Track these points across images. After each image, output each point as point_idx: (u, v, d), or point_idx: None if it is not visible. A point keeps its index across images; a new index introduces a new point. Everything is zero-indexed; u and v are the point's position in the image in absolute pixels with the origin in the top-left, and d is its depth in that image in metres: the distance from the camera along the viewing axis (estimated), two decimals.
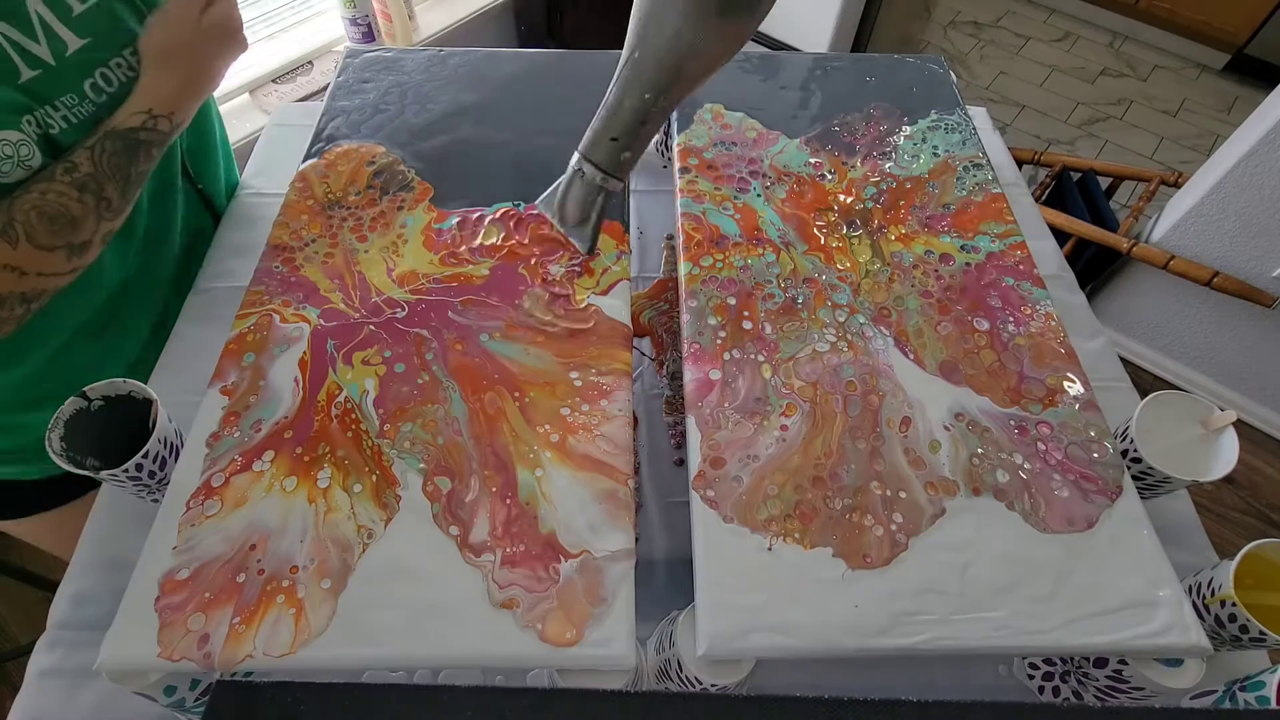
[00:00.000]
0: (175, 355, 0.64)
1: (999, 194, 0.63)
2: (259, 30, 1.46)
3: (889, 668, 0.51)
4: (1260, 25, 2.25)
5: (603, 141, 0.51)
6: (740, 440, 0.47)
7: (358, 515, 0.43)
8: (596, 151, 0.52)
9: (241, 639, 0.39)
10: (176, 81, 0.51)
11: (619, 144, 0.51)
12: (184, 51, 0.50)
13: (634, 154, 0.52)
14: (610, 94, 0.50)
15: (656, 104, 0.49)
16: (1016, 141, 2.16)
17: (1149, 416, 0.51)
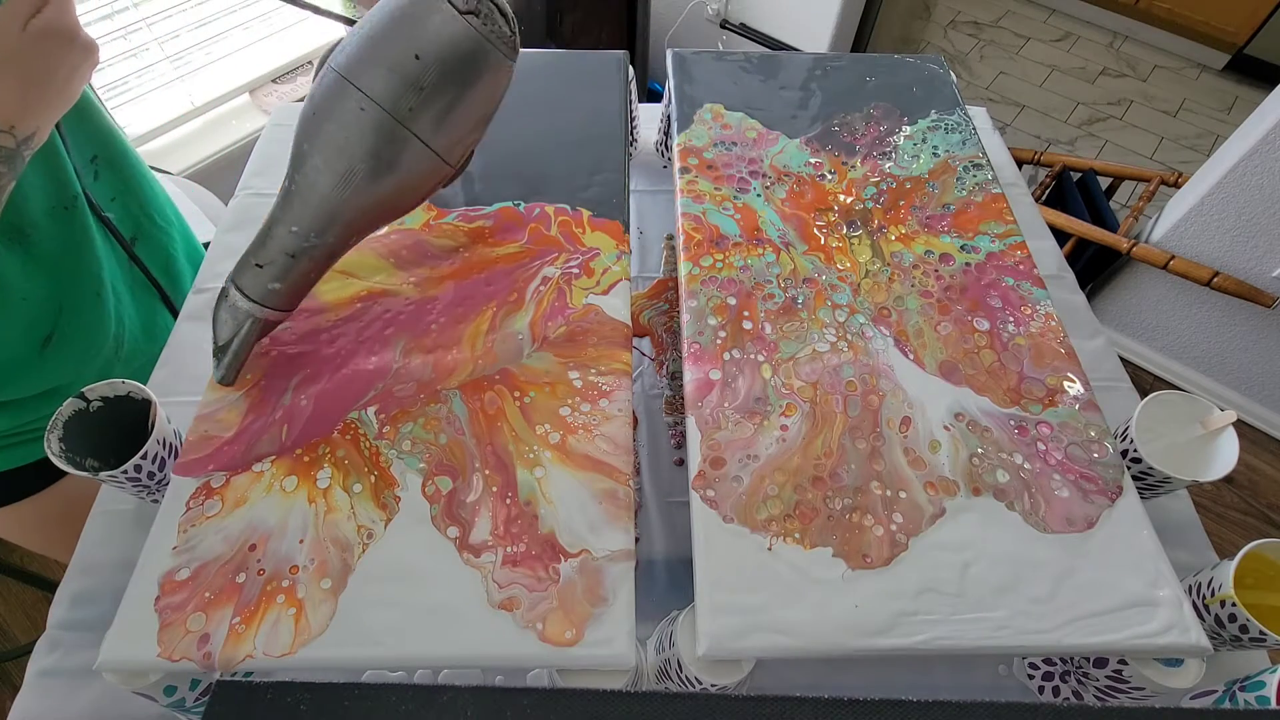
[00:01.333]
0: (175, 355, 0.64)
1: (999, 194, 0.63)
2: (259, 30, 1.46)
3: (889, 668, 0.51)
4: (1260, 25, 2.25)
5: (249, 266, 0.46)
6: (740, 440, 0.47)
7: (358, 515, 0.43)
8: (242, 275, 0.46)
9: (241, 639, 0.39)
10: (7, 92, 0.46)
11: (264, 272, 0.45)
12: (11, 61, 0.46)
13: (285, 287, 0.46)
14: (266, 215, 0.46)
15: (308, 241, 0.45)
16: (1016, 141, 2.16)
17: (1149, 416, 0.51)
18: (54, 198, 0.58)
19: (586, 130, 0.66)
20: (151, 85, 1.36)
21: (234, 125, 1.45)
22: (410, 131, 0.43)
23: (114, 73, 1.29)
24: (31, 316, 0.59)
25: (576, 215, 0.60)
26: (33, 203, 0.56)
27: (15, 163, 0.47)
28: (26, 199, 0.56)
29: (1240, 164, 1.24)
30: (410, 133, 0.43)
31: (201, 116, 1.45)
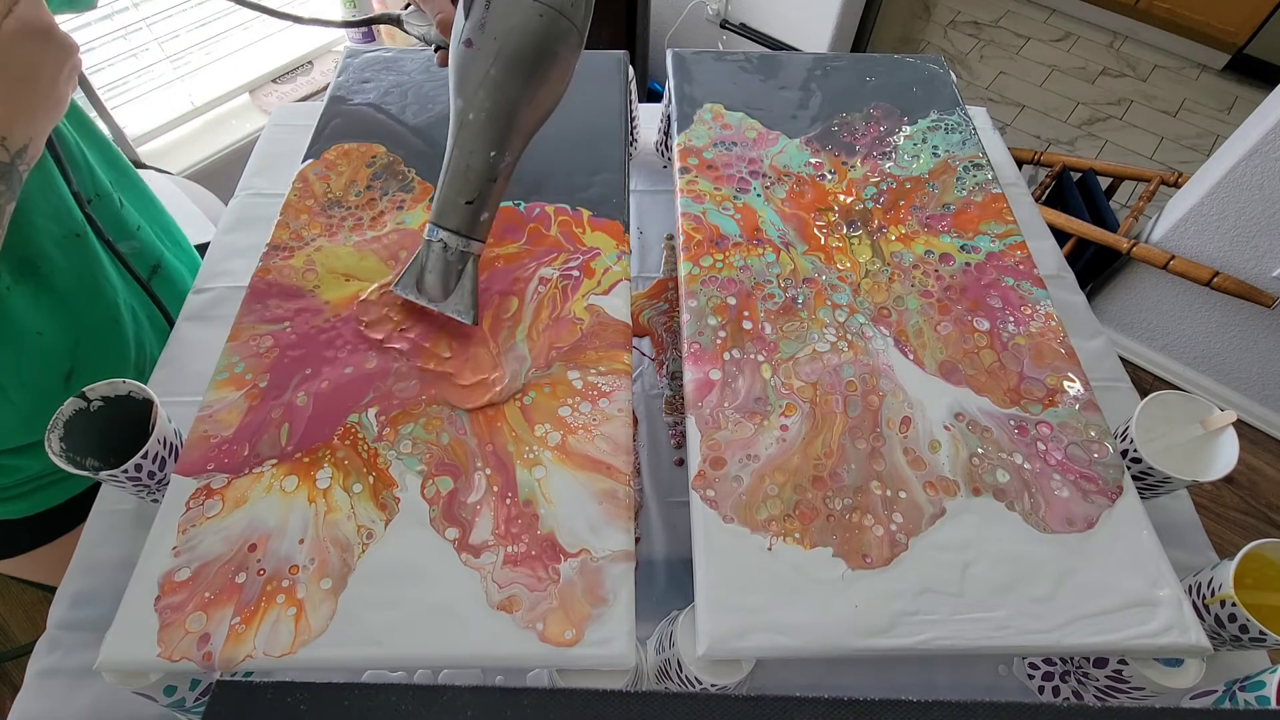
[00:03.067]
0: (175, 355, 0.64)
1: (999, 194, 0.63)
2: (259, 30, 1.47)
3: (889, 668, 0.51)
4: (1260, 25, 2.25)
5: (457, 206, 0.49)
6: (740, 440, 0.47)
7: (358, 515, 0.43)
8: (452, 218, 0.50)
9: (241, 639, 0.39)
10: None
11: (474, 206, 0.49)
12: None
13: (490, 214, 0.51)
14: (451, 158, 0.49)
15: (503, 160, 0.49)
16: (1016, 141, 2.16)
17: (1149, 416, 0.51)
18: (61, 226, 0.57)
19: (586, 130, 0.66)
20: (151, 85, 1.36)
21: (234, 125, 1.45)
22: (573, 24, 0.47)
23: (114, 73, 1.29)
24: (50, 352, 0.58)
25: (576, 215, 0.60)
26: (41, 233, 0.55)
27: (12, 179, 0.44)
28: (35, 229, 0.55)
29: (1240, 164, 1.25)
30: (573, 25, 0.47)
31: (201, 116, 1.45)
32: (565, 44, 0.48)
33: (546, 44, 0.47)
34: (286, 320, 0.52)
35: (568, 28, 0.47)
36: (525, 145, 0.51)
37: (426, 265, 0.51)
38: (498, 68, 0.46)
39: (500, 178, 0.50)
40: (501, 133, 0.48)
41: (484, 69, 0.47)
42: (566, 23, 0.47)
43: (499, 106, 0.47)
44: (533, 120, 0.50)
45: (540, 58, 0.47)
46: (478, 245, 0.51)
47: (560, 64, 0.48)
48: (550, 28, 0.46)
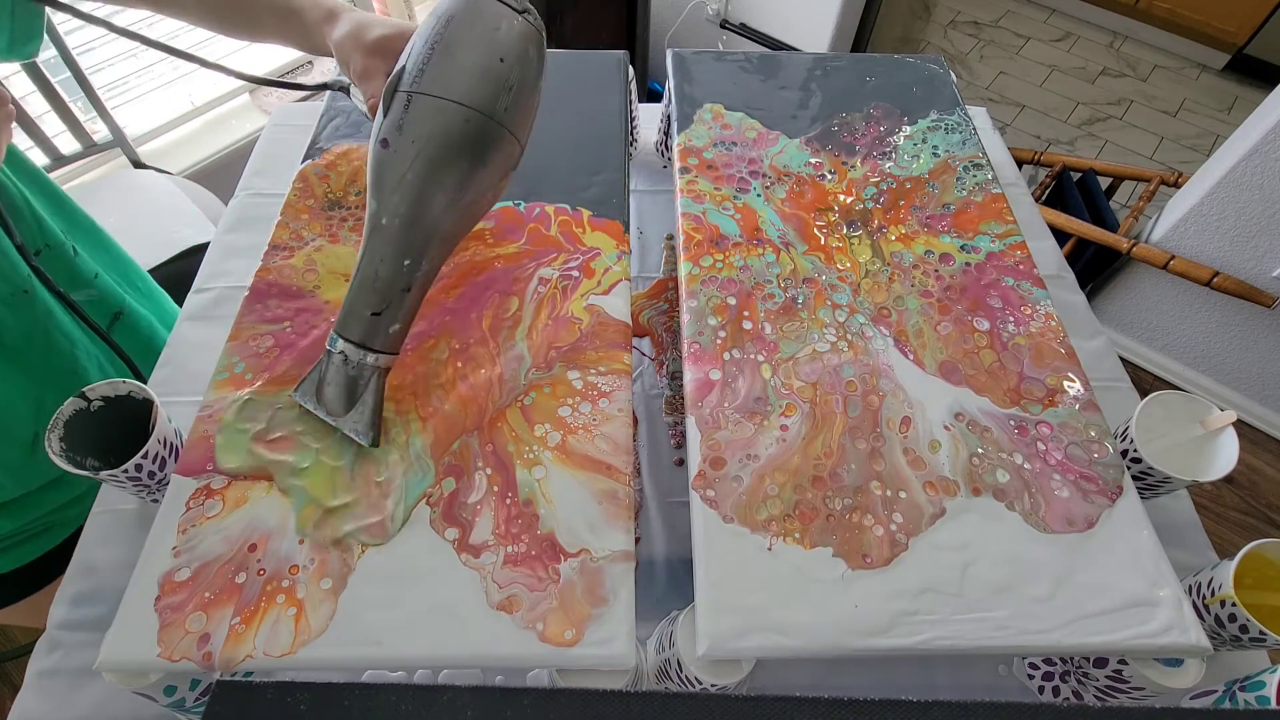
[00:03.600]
0: (175, 355, 0.64)
1: (999, 194, 0.63)
2: None
3: (889, 668, 0.51)
4: (1260, 25, 2.25)
5: (362, 317, 0.44)
6: (740, 440, 0.47)
7: None
8: (355, 328, 0.45)
9: (241, 639, 0.39)
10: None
11: (384, 318, 0.45)
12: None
13: (403, 325, 0.46)
14: (361, 263, 0.45)
15: (419, 268, 0.45)
16: (1016, 141, 2.16)
17: (1149, 416, 0.51)
18: (6, 283, 0.54)
19: (586, 130, 0.66)
20: (151, 85, 1.36)
21: (234, 125, 1.45)
22: (506, 129, 0.45)
23: (114, 73, 1.29)
24: (11, 420, 0.56)
25: (576, 215, 0.60)
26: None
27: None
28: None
29: (1240, 164, 1.24)
30: (506, 130, 0.45)
31: (201, 116, 1.45)
32: (495, 149, 0.45)
33: (473, 150, 0.44)
34: (287, 320, 0.52)
35: (498, 133, 0.45)
36: (449, 250, 0.47)
37: (325, 376, 0.46)
38: (415, 173, 0.43)
39: (415, 287, 0.45)
40: (418, 241, 0.44)
41: (399, 173, 0.43)
42: (497, 127, 0.44)
43: (415, 213, 0.44)
44: (457, 226, 0.47)
45: (464, 165, 0.44)
46: (385, 359, 0.46)
47: (490, 169, 0.45)
48: (477, 133, 0.44)
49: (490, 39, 0.44)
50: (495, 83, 0.44)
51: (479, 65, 0.44)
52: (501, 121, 0.45)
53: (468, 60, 0.44)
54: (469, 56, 0.44)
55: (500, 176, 0.47)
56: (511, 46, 0.45)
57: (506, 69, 0.44)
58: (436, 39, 0.44)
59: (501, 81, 0.44)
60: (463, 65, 0.44)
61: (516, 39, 0.45)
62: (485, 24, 0.44)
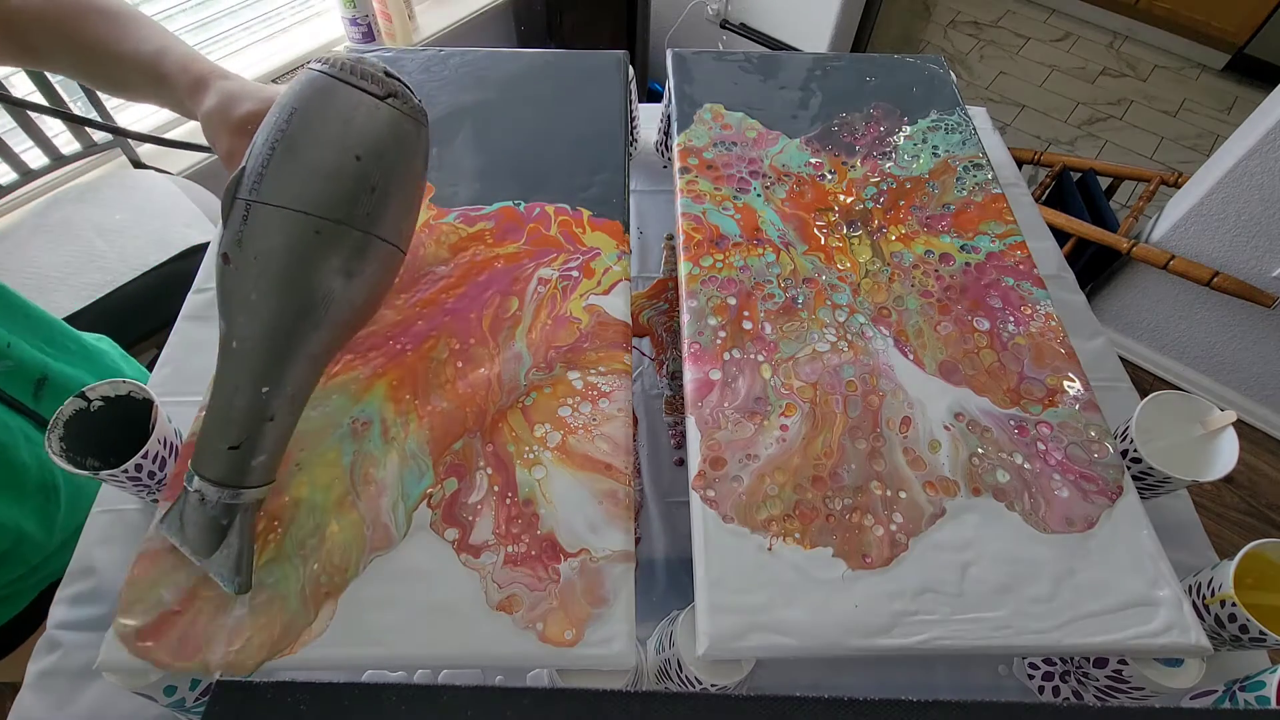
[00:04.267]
0: (175, 355, 0.64)
1: (999, 194, 0.63)
2: (259, 30, 1.46)
3: (889, 668, 0.51)
4: (1260, 25, 2.25)
5: (219, 453, 0.38)
6: (740, 440, 0.47)
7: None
8: (211, 466, 0.38)
9: (241, 639, 0.39)
10: None
11: (242, 452, 0.38)
12: None
13: (270, 457, 0.40)
14: (212, 392, 0.39)
15: (280, 394, 0.39)
16: (1016, 141, 2.16)
17: (1149, 416, 0.51)
18: None
19: (586, 130, 0.66)
20: None
21: None
22: (374, 235, 0.39)
23: None
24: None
25: (577, 215, 0.60)
26: None
27: None
28: None
29: (1240, 164, 1.24)
30: (374, 236, 0.39)
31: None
32: (362, 259, 0.39)
33: (329, 264, 0.37)
34: None
35: (363, 241, 0.38)
36: (325, 364, 0.42)
37: (184, 516, 0.39)
38: (260, 293, 0.37)
39: (281, 414, 0.39)
40: (275, 366, 0.38)
41: (244, 293, 0.37)
42: (360, 235, 0.38)
43: (267, 335, 0.38)
44: (329, 344, 0.40)
45: (320, 281, 0.37)
46: (250, 494, 0.39)
47: (360, 281, 0.39)
48: (332, 245, 0.37)
49: (342, 133, 0.37)
50: (351, 184, 0.38)
51: (329, 165, 0.37)
52: (366, 228, 0.38)
53: (315, 159, 0.37)
54: (316, 155, 0.37)
55: (377, 286, 0.41)
56: (370, 139, 0.38)
57: (365, 167, 0.38)
58: (278, 136, 0.37)
59: (360, 181, 0.38)
60: (309, 166, 0.37)
61: (377, 130, 0.38)
62: (336, 114, 0.38)
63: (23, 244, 1.06)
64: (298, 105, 0.38)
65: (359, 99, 0.38)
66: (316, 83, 0.38)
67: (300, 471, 0.45)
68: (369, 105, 0.39)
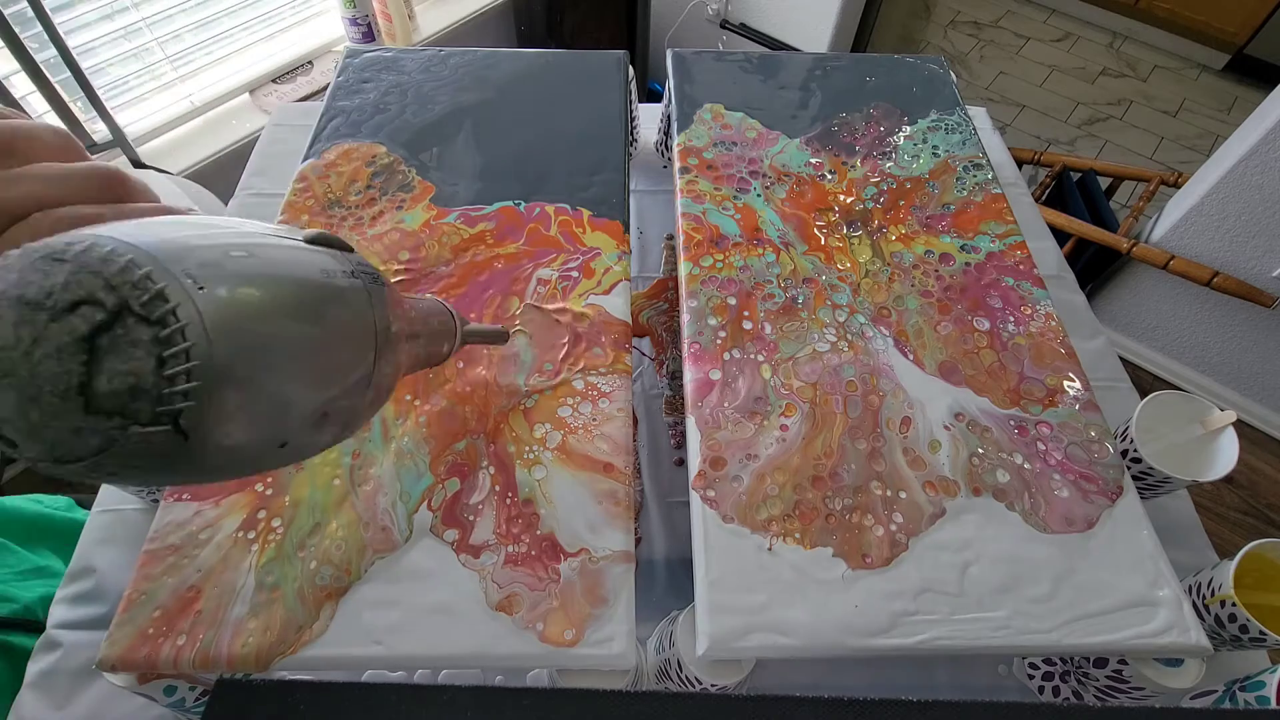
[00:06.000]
0: None
1: (999, 194, 0.63)
2: (259, 30, 1.46)
3: (889, 668, 0.51)
4: (1260, 25, 2.25)
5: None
6: (740, 440, 0.47)
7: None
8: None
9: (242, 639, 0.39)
10: None
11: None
12: None
13: None
14: None
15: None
16: (1016, 141, 2.16)
17: (1149, 416, 0.51)
18: None
19: (586, 130, 0.66)
20: (151, 85, 1.35)
21: (234, 125, 1.44)
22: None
23: (114, 73, 1.29)
24: None
25: (577, 215, 0.60)
26: None
27: None
28: None
29: (1240, 164, 1.24)
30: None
31: (201, 116, 1.45)
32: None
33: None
34: None
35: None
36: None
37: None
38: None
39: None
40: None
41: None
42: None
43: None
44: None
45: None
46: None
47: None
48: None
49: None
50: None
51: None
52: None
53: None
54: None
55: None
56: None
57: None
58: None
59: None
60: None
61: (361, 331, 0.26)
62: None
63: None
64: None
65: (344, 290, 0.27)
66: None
67: (300, 471, 0.45)
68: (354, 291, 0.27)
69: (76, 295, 0.18)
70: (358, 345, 0.26)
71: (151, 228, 0.20)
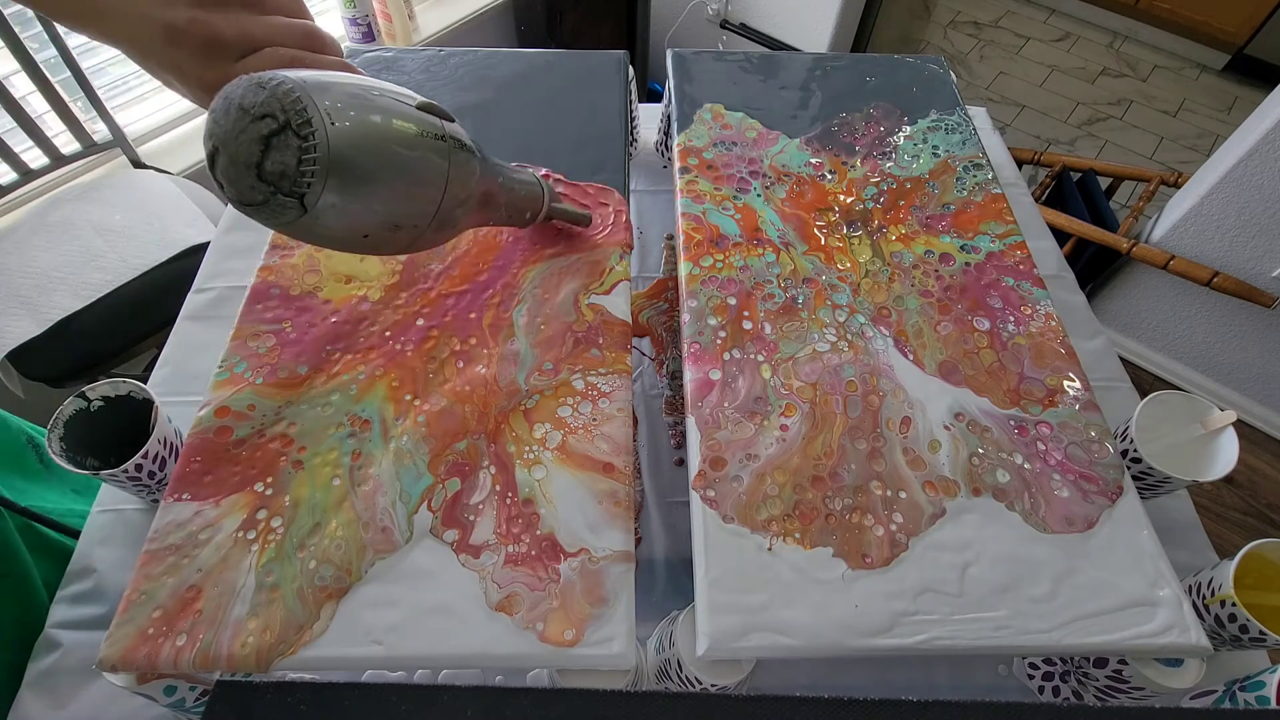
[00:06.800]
0: (175, 355, 0.64)
1: (999, 194, 0.63)
2: None
3: (889, 668, 0.51)
4: (1260, 25, 2.25)
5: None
6: (740, 440, 0.47)
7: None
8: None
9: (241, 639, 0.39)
10: None
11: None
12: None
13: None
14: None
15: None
16: (1016, 141, 2.16)
17: (1149, 416, 0.51)
18: None
19: (586, 130, 0.66)
20: (152, 85, 1.35)
21: None
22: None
23: (115, 73, 1.29)
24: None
25: None
26: None
27: None
28: None
29: (1240, 164, 1.24)
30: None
31: (202, 116, 1.45)
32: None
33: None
34: (287, 320, 0.52)
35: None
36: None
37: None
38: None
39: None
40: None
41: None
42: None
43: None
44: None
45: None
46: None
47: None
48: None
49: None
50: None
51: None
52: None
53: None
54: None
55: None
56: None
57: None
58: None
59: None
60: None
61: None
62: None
63: (23, 244, 1.06)
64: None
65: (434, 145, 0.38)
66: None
67: (300, 471, 0.45)
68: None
69: (266, 111, 0.30)
70: (430, 186, 0.37)
71: (318, 76, 0.32)
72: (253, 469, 0.45)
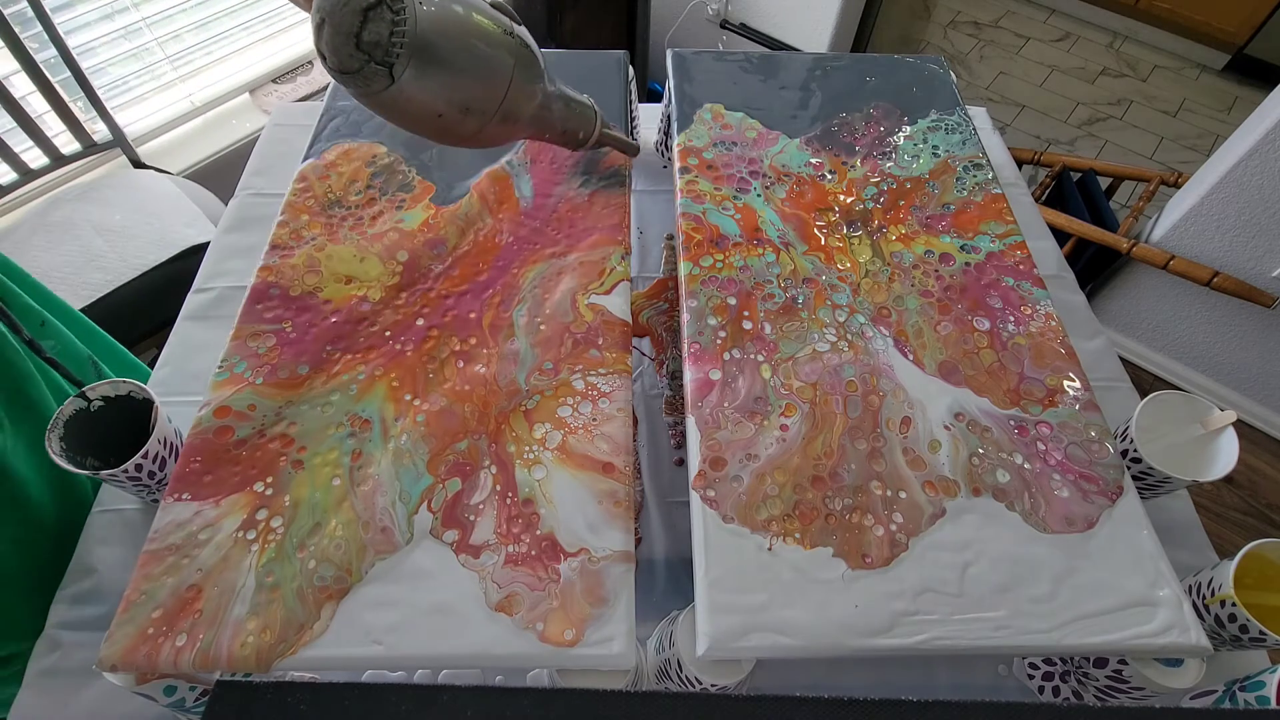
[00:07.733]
0: (175, 355, 0.64)
1: (999, 194, 0.63)
2: (259, 30, 1.46)
3: (889, 668, 0.51)
4: (1260, 25, 2.25)
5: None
6: (740, 440, 0.47)
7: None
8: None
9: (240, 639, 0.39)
10: None
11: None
12: None
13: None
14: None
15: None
16: (1016, 141, 2.16)
17: (1149, 416, 0.51)
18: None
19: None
20: (152, 85, 1.36)
21: (234, 125, 1.44)
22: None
23: (115, 73, 1.29)
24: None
25: None
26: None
27: None
28: None
29: (1240, 164, 1.24)
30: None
31: (201, 116, 1.45)
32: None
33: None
34: (287, 320, 0.52)
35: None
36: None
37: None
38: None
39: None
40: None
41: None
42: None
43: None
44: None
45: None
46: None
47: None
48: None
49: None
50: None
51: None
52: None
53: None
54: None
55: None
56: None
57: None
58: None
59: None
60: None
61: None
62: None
63: (23, 244, 1.06)
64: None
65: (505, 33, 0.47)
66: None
67: (300, 471, 0.45)
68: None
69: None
70: (498, 76, 0.45)
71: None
72: (253, 469, 0.45)
